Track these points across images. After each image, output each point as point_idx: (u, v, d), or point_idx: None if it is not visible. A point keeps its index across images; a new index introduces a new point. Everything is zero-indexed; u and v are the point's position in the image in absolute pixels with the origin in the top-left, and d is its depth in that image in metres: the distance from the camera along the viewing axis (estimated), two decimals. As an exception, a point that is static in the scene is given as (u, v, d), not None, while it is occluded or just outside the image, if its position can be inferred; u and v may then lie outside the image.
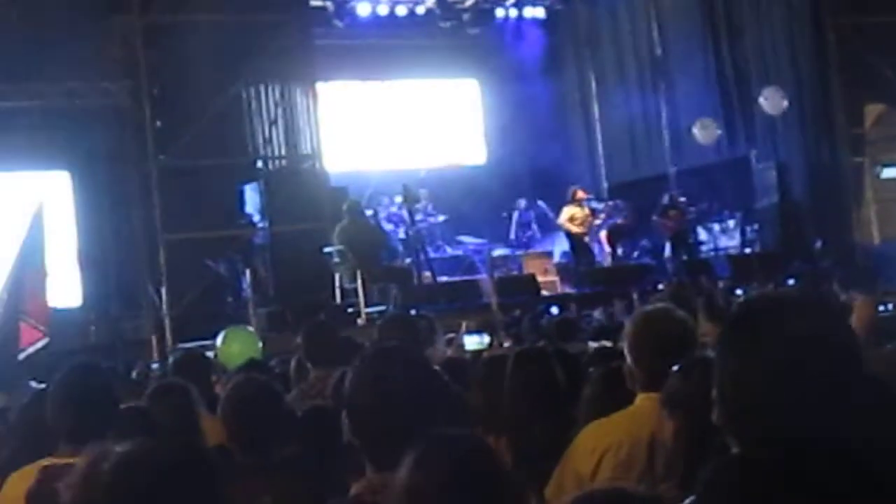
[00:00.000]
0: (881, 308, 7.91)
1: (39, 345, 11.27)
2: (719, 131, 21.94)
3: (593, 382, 5.34)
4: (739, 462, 2.51)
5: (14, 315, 11.08)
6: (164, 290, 17.62)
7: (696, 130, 21.85)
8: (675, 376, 4.23)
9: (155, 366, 13.84)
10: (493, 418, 5.51)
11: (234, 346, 9.67)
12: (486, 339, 8.35)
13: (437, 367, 5.64)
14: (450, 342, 9.42)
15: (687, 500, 2.60)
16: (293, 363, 7.83)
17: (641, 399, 4.76)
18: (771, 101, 21.02)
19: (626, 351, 4.86)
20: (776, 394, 2.46)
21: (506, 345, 9.72)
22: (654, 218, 22.11)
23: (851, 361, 2.55)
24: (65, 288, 19.14)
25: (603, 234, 22.40)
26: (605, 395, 5.14)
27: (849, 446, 2.44)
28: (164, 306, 17.53)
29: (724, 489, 2.48)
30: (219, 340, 10.01)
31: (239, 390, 5.18)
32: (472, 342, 8.34)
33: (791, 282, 17.59)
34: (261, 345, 10.40)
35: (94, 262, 19.38)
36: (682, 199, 22.05)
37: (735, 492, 2.46)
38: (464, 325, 9.06)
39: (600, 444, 4.69)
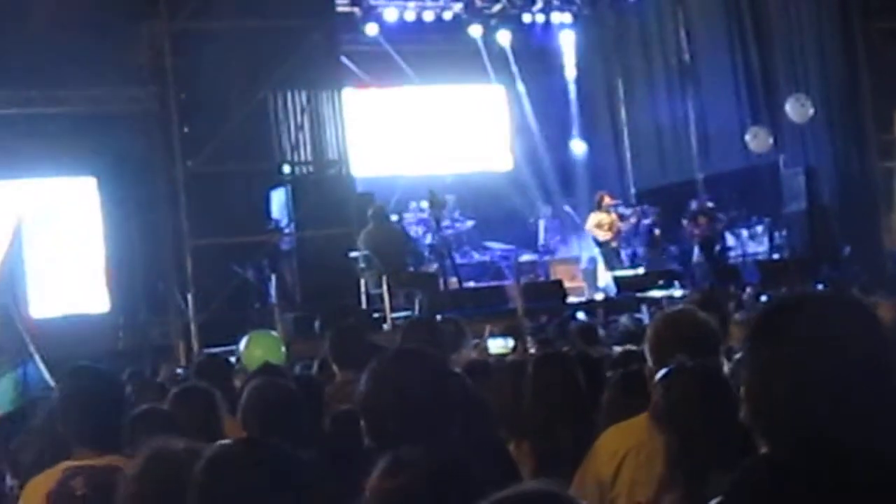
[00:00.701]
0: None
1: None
2: (771, 140, 21.77)
3: (612, 386, 5.32)
4: (768, 463, 2.49)
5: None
6: (190, 296, 17.62)
7: (748, 138, 21.75)
8: (657, 388, 4.22)
9: (180, 370, 13.84)
10: (515, 422, 5.49)
11: (257, 350, 9.65)
12: (511, 342, 8.33)
13: (458, 371, 5.65)
14: (476, 346, 9.42)
15: (713, 501, 2.59)
16: (315, 365, 7.83)
17: (662, 402, 4.73)
18: (795, 110, 20.98)
19: (647, 352, 4.83)
20: (804, 392, 2.43)
21: (532, 350, 9.72)
22: (684, 222, 22.08)
23: (883, 361, 2.51)
24: (92, 294, 19.24)
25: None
26: (624, 398, 5.12)
27: (878, 446, 2.41)
28: (191, 312, 17.53)
29: (752, 490, 2.46)
30: (242, 345, 10.01)
31: (259, 393, 5.18)
32: (497, 346, 8.33)
33: (819, 287, 17.48)
34: (284, 350, 10.38)
35: (121, 268, 19.41)
36: (711, 204, 22.01)
37: (764, 492, 2.44)
38: (487, 328, 9.05)
39: (621, 448, 4.67)
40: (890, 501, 2.38)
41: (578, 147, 26.26)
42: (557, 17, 26.25)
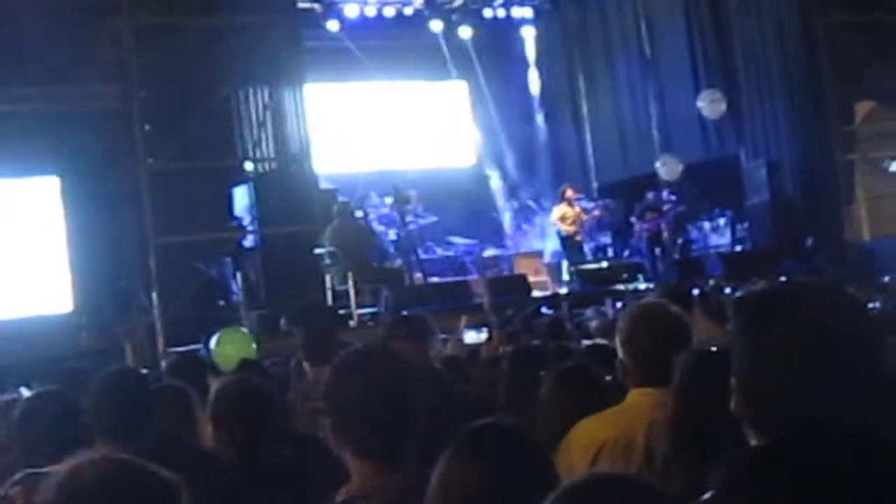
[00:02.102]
0: (870, 305, 7.91)
1: None
2: (681, 167, 21.97)
3: (552, 383, 5.31)
4: (760, 454, 2.47)
5: None
6: (154, 294, 17.54)
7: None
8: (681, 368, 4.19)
9: (145, 371, 13.77)
10: (492, 415, 5.50)
11: (228, 347, 9.65)
12: (484, 334, 8.38)
13: (437, 366, 5.66)
14: (446, 340, 9.44)
15: (705, 496, 2.54)
16: (293, 363, 7.83)
17: (635, 394, 4.75)
18: (708, 105, 21.20)
19: (619, 345, 4.84)
20: (800, 380, 2.43)
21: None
22: (632, 220, 22.26)
23: (874, 348, 2.52)
24: (55, 294, 19.13)
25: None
26: (561, 394, 5.13)
27: (872, 435, 2.41)
28: (156, 310, 17.45)
29: (746, 481, 2.44)
30: (213, 342, 9.99)
31: (229, 390, 5.16)
32: (471, 337, 8.38)
33: (783, 279, 17.57)
34: (255, 346, 10.37)
35: (84, 267, 19.31)
36: (673, 196, 22.10)
37: (759, 483, 2.42)
38: (463, 319, 9.09)
39: (595, 441, 4.67)
40: (886, 491, 2.37)
41: (541, 141, 26.31)
42: (518, 12, 26.30)
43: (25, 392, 10.93)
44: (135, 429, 4.58)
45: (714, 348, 4.24)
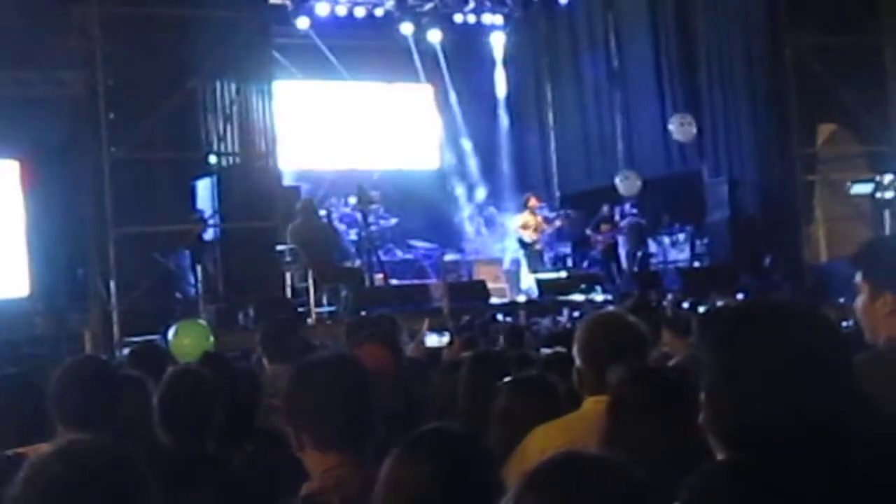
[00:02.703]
0: (844, 324, 7.97)
1: None
2: (639, 183, 22.08)
3: (508, 391, 5.33)
4: (729, 467, 2.49)
5: None
6: (112, 284, 17.46)
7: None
8: (624, 382, 4.24)
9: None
10: (450, 420, 5.52)
11: (186, 339, 9.61)
12: (446, 338, 8.42)
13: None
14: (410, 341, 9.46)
15: None
16: (254, 358, 7.83)
17: (590, 402, 4.77)
18: (678, 130, 21.37)
19: (576, 353, 4.88)
20: (767, 397, 2.44)
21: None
22: (588, 232, 22.38)
23: (844, 365, 2.55)
24: (12, 278, 19.02)
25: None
26: (517, 403, 5.15)
27: (841, 451, 2.42)
28: (113, 300, 17.37)
29: (712, 495, 2.45)
30: (171, 334, 9.96)
31: (174, 381, 5.15)
32: (433, 341, 8.42)
33: (741, 296, 17.68)
34: (213, 339, 10.34)
35: (42, 253, 19.21)
36: (634, 210, 22.20)
37: (724, 498, 2.43)
38: (426, 322, 9.11)
39: (549, 447, 4.65)
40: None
41: (506, 148, 26.38)
42: (489, 19, 26.35)
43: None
44: (98, 417, 4.56)
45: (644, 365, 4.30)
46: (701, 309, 9.89)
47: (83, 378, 4.82)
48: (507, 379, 5.35)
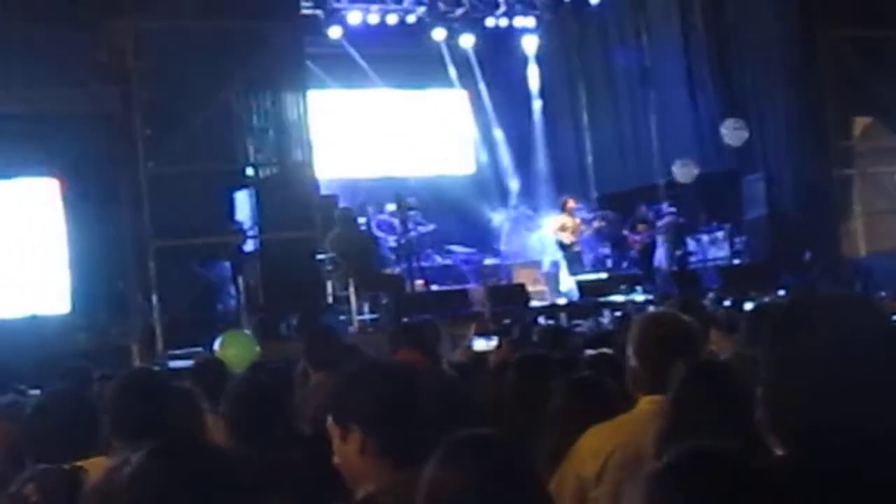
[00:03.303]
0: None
1: None
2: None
3: (559, 393, 5.34)
4: (785, 464, 2.47)
5: None
6: (154, 297, 17.54)
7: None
8: (683, 379, 4.23)
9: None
10: (498, 423, 5.53)
11: (231, 349, 9.64)
12: (494, 342, 8.39)
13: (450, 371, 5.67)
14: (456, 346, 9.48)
15: None
16: (299, 368, 7.84)
17: (644, 402, 4.78)
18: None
19: (629, 353, 4.87)
20: (825, 392, 2.41)
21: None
22: (625, 232, 22.36)
23: None
24: (53, 295, 19.12)
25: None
26: (577, 403, 5.15)
27: None
28: (155, 313, 17.44)
29: (770, 493, 2.41)
30: (216, 344, 10.00)
31: (243, 389, 5.19)
32: (480, 345, 8.39)
33: (781, 293, 17.61)
34: (258, 349, 10.38)
35: (83, 269, 19.30)
36: (672, 209, 22.13)
37: (781, 497, 2.40)
38: (473, 326, 9.10)
39: (604, 447, 4.70)
40: None
41: (541, 151, 26.36)
42: (520, 22, 26.33)
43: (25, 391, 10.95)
44: (152, 429, 4.59)
45: (712, 360, 4.28)
46: (748, 306, 9.81)
47: (138, 391, 4.85)
48: (561, 380, 5.36)
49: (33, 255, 19.23)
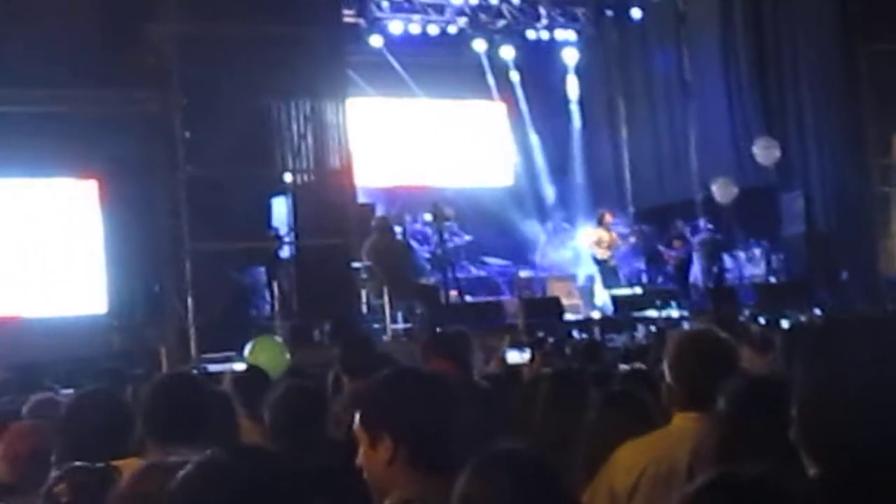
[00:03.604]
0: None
1: None
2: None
3: (595, 407, 5.33)
4: (821, 484, 2.45)
5: None
6: (189, 300, 17.58)
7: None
8: (738, 394, 4.19)
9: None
10: (530, 435, 5.51)
11: (261, 356, 9.64)
12: (527, 354, 8.37)
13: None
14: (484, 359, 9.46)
15: None
16: (331, 376, 7.83)
17: (680, 418, 4.75)
18: (762, 152, 21.16)
19: (665, 368, 4.85)
20: (860, 412, 2.40)
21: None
22: (661, 248, 22.31)
23: None
24: (90, 295, 19.21)
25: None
26: (608, 417, 5.14)
27: None
28: (190, 316, 17.49)
29: None
30: (247, 350, 10.00)
31: (290, 395, 5.19)
32: (513, 357, 8.36)
33: (817, 311, 17.52)
34: (288, 356, 10.38)
35: (119, 270, 19.38)
36: (710, 225, 22.06)
37: None
38: (506, 338, 9.06)
39: (638, 463, 4.67)
40: None
41: (579, 164, 26.33)
42: (561, 34, 26.33)
43: (61, 391, 10.99)
44: (188, 432, 4.59)
45: (762, 376, 4.24)
46: (784, 324, 9.78)
47: (174, 393, 4.85)
48: (597, 393, 5.35)
49: (71, 255, 19.33)
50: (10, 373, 14.19)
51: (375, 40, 23.80)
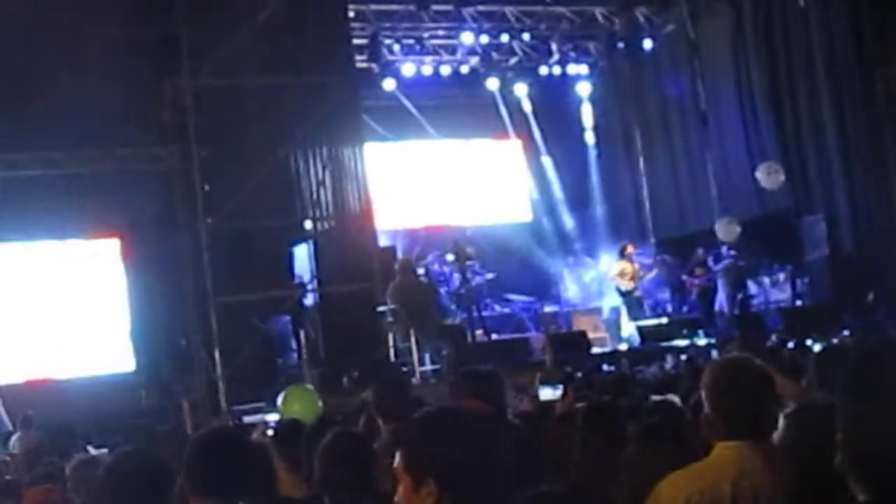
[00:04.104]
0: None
1: None
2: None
3: (640, 437, 5.31)
4: None
5: None
6: (216, 353, 17.59)
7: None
8: (790, 423, 4.18)
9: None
10: (567, 471, 5.50)
11: (295, 405, 9.62)
12: (559, 390, 8.34)
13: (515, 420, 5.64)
14: (521, 395, 9.44)
15: None
16: (362, 420, 7.80)
17: (721, 448, 4.72)
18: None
19: (705, 398, 4.82)
20: None
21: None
22: (684, 277, 22.29)
23: None
24: (117, 353, 19.27)
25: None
26: (648, 450, 5.12)
27: None
28: (217, 368, 17.49)
29: None
30: (280, 400, 9.99)
31: (337, 445, 5.17)
32: (546, 394, 8.33)
33: (845, 334, 17.44)
34: (321, 404, 10.36)
35: (145, 326, 19.43)
36: (732, 252, 21.99)
37: None
38: (538, 375, 9.03)
39: (681, 495, 4.64)
40: None
41: (598, 197, 26.34)
42: (574, 69, 26.40)
43: (94, 451, 11.00)
44: (230, 486, 4.58)
45: (818, 403, 4.23)
46: (816, 348, 9.73)
47: (214, 448, 4.84)
48: (635, 427, 5.33)
49: (97, 315, 19.40)
50: (43, 433, 14.22)
51: (388, 84, 23.89)
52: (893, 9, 20.12)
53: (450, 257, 21.16)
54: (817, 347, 9.50)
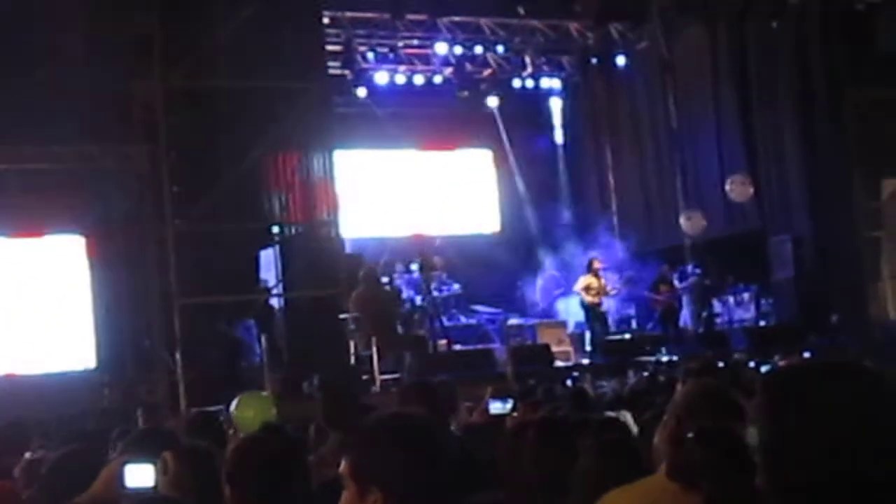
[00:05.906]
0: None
1: None
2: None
3: (592, 453, 5.31)
4: None
5: None
6: (178, 354, 17.54)
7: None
8: (691, 444, 4.21)
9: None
10: (516, 486, 5.49)
11: (248, 411, 9.61)
12: (510, 405, 8.31)
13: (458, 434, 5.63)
14: (472, 409, 9.42)
15: None
16: (312, 428, 7.79)
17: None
18: (736, 189, 21.29)
19: (672, 417, 4.84)
20: (819, 460, 2.42)
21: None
22: (646, 293, 22.34)
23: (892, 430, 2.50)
24: (78, 351, 19.16)
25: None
26: (601, 466, 5.12)
27: None
28: (179, 370, 17.45)
29: None
30: (233, 406, 9.96)
31: (242, 450, 5.11)
32: (496, 408, 8.30)
33: (807, 355, 17.52)
34: (274, 410, 10.35)
35: (108, 325, 19.34)
36: (697, 270, 22.09)
37: None
38: (489, 390, 9.02)
39: (625, 510, 4.66)
40: None
41: (567, 211, 26.40)
42: (546, 83, 26.49)
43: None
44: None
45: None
46: (763, 369, 9.80)
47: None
48: (589, 441, 5.33)
49: (60, 311, 19.29)
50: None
51: (361, 91, 23.89)
52: (863, 31, 20.26)
53: (414, 267, 21.17)
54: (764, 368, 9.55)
